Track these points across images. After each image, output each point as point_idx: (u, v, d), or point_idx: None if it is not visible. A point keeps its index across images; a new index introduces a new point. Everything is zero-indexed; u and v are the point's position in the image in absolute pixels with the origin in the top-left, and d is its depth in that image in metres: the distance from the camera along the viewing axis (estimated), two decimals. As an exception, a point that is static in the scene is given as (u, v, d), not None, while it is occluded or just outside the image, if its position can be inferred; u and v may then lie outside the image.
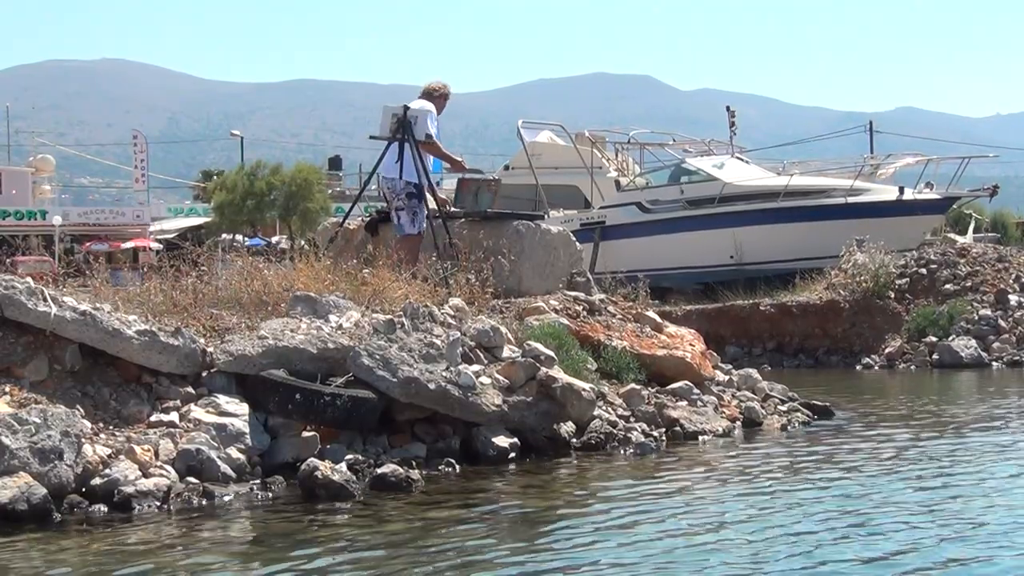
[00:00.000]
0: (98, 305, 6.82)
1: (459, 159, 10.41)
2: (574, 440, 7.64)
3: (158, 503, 5.83)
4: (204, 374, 6.89)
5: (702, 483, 6.76)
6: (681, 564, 4.75)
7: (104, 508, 5.75)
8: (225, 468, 6.23)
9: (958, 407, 10.98)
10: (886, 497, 6.10)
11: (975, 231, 24.72)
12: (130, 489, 5.80)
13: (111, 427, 6.31)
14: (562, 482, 6.86)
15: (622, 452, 7.61)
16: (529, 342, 8.01)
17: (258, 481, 6.33)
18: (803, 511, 5.78)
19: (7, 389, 6.16)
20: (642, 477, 6.88)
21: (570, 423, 7.67)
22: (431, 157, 10.03)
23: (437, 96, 10.12)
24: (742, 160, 23.42)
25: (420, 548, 5.08)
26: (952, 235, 22.01)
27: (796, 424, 9.07)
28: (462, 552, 5.01)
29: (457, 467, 6.93)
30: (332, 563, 4.83)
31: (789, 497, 6.18)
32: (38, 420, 5.77)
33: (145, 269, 9.95)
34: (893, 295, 16.89)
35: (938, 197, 20.11)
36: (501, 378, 7.51)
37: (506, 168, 24.36)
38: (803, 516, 5.65)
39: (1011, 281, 16.95)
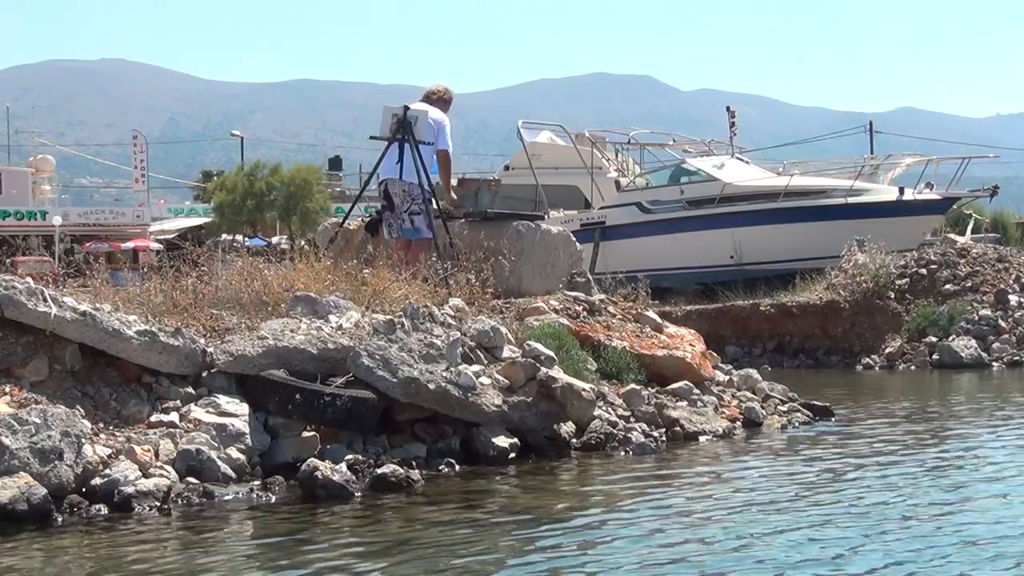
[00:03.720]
0: (98, 305, 6.82)
1: (452, 194, 10.09)
2: (574, 440, 7.64)
3: (158, 503, 5.82)
4: (204, 374, 6.88)
5: (702, 484, 6.76)
6: (681, 565, 4.74)
7: (104, 508, 5.75)
8: (225, 468, 6.22)
9: (958, 407, 10.98)
10: (886, 497, 6.10)
11: (974, 231, 24.71)
12: (130, 489, 5.80)
13: (111, 427, 6.30)
14: (562, 482, 6.86)
15: (622, 452, 7.61)
16: (529, 342, 8.01)
17: (258, 481, 6.33)
18: (803, 511, 5.78)
19: (7, 389, 6.16)
20: (642, 477, 6.88)
21: (570, 423, 7.67)
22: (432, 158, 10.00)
23: (436, 99, 10.11)
24: (742, 160, 23.43)
25: (420, 548, 5.08)
26: (952, 235, 22.00)
27: (796, 424, 9.07)
28: (462, 552, 5.00)
29: (457, 467, 6.93)
30: (332, 563, 4.83)
31: (789, 497, 6.18)
32: (38, 420, 5.77)
33: (145, 269, 9.95)
34: (893, 295, 16.89)
35: (938, 197, 20.11)
36: (501, 378, 7.51)
37: (506, 168, 24.38)
38: (803, 516, 5.64)
39: (1011, 281, 16.95)
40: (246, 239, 38.60)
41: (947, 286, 16.89)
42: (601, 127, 30.09)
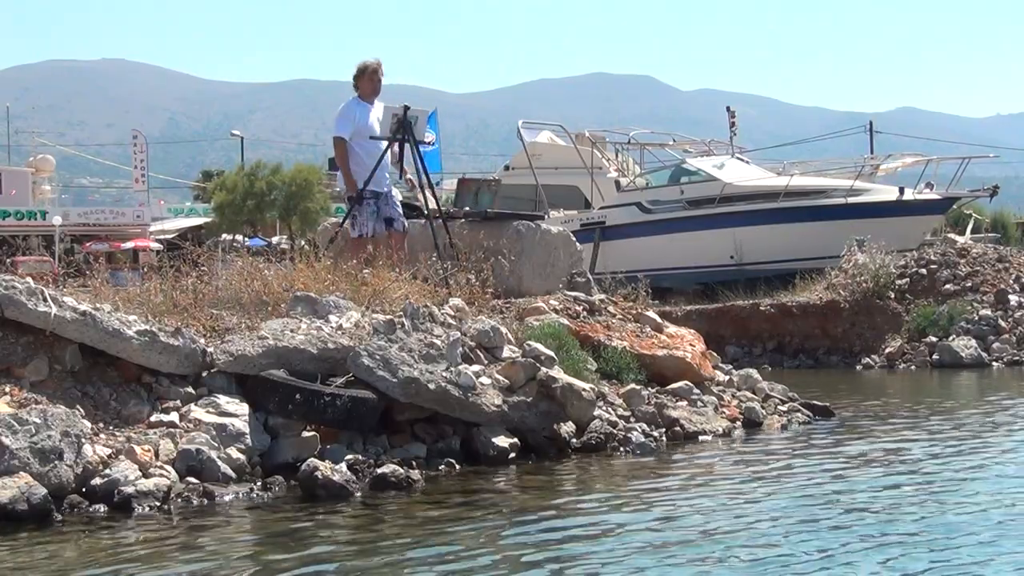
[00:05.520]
0: (98, 305, 6.82)
1: (353, 179, 9.63)
2: (574, 440, 7.64)
3: (158, 503, 5.82)
4: (204, 374, 6.88)
5: (702, 484, 6.75)
6: (680, 564, 4.74)
7: (104, 508, 5.75)
8: (225, 468, 6.22)
9: (958, 407, 10.97)
10: (887, 497, 6.10)
11: (974, 231, 24.72)
12: (130, 489, 5.80)
13: (111, 427, 6.30)
14: (562, 482, 6.86)
15: (622, 452, 7.61)
16: (529, 342, 8.01)
17: (258, 481, 6.33)
18: (803, 511, 5.78)
19: (7, 389, 6.16)
20: (642, 477, 6.88)
21: (570, 423, 7.67)
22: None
23: (355, 77, 9.82)
24: (742, 160, 23.45)
25: (420, 548, 5.08)
26: (952, 235, 22.02)
27: (796, 424, 9.07)
28: (462, 552, 5.00)
29: (457, 467, 6.93)
30: (332, 563, 4.83)
31: (789, 498, 6.18)
32: (38, 420, 5.77)
33: (145, 269, 9.95)
34: (893, 295, 16.89)
35: (938, 197, 20.12)
36: (501, 378, 7.51)
37: (506, 168, 24.41)
38: (803, 516, 5.65)
39: (1011, 281, 16.95)
40: (246, 239, 38.60)
41: (947, 286, 16.90)
42: (601, 127, 30.12)
